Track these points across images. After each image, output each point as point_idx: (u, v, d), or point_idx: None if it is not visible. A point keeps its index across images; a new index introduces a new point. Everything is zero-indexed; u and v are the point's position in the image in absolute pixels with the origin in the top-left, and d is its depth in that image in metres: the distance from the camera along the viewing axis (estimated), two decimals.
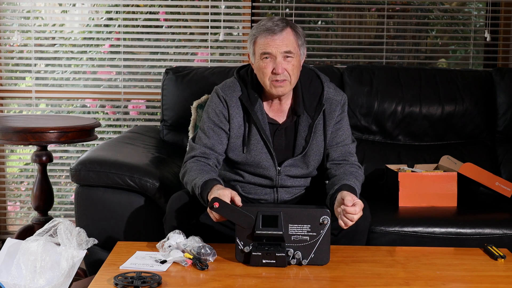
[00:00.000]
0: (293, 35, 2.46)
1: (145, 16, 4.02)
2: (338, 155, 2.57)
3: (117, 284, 1.96)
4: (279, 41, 2.43)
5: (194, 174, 2.43)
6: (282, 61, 2.43)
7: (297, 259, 2.18)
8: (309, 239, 2.18)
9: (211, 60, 4.02)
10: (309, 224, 2.18)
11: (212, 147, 2.53)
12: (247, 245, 2.18)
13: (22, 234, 3.24)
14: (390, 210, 2.90)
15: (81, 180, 2.81)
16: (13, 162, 4.27)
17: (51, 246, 2.26)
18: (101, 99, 4.07)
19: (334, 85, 2.63)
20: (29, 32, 4.00)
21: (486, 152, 3.38)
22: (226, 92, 2.56)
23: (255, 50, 2.48)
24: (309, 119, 2.55)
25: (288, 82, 2.46)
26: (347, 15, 4.14)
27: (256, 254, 2.16)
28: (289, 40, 2.44)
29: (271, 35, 2.43)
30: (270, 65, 2.44)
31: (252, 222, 2.16)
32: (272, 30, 2.43)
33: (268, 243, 2.17)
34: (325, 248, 2.18)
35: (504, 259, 2.28)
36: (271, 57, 2.43)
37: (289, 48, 2.43)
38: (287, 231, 2.18)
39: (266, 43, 2.43)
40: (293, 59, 2.45)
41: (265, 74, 2.46)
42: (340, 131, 2.59)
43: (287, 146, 2.56)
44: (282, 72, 2.43)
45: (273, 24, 2.44)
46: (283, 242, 2.17)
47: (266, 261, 2.15)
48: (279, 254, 2.15)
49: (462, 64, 4.15)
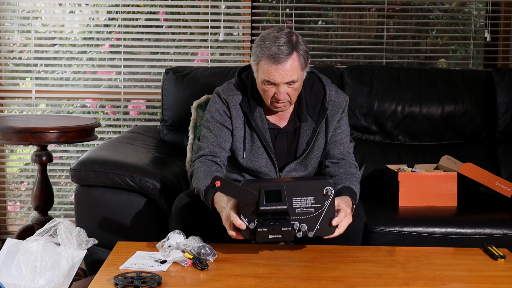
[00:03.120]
0: (298, 60, 2.38)
1: (145, 16, 4.02)
2: (337, 153, 2.57)
3: (117, 284, 1.96)
4: (283, 71, 2.36)
5: (200, 175, 2.42)
6: (286, 88, 2.40)
7: (303, 232, 2.16)
8: (314, 211, 2.16)
9: (211, 60, 4.02)
10: (313, 196, 2.15)
11: (220, 145, 2.53)
12: (252, 222, 2.14)
13: (22, 234, 3.24)
14: (390, 210, 2.90)
15: (81, 180, 2.81)
16: (13, 162, 4.27)
17: (51, 246, 2.26)
18: (101, 99, 4.07)
19: (335, 87, 2.63)
20: (29, 32, 4.00)
21: (486, 152, 3.38)
22: (227, 94, 2.55)
23: (258, 71, 2.42)
24: (312, 123, 2.55)
25: (289, 103, 2.47)
26: (347, 15, 4.14)
27: (262, 230, 2.12)
28: (293, 70, 2.37)
29: (275, 64, 2.35)
30: (272, 90, 2.41)
31: (255, 198, 2.12)
32: (277, 58, 2.34)
33: (273, 218, 2.14)
34: (331, 218, 2.17)
35: (504, 259, 2.28)
36: (274, 85, 2.40)
37: (293, 77, 2.38)
38: (291, 204, 2.15)
39: (270, 72, 2.37)
40: (296, 84, 2.42)
41: (266, 96, 2.44)
42: (339, 130, 2.59)
43: (289, 150, 2.56)
44: (284, 97, 2.42)
45: (279, 51, 2.34)
46: (288, 216, 2.14)
47: (272, 236, 2.13)
48: (285, 229, 2.12)
49: (462, 64, 4.15)
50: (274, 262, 2.21)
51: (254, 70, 2.46)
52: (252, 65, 2.46)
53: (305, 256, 2.27)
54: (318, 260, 2.24)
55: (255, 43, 2.43)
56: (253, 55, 2.44)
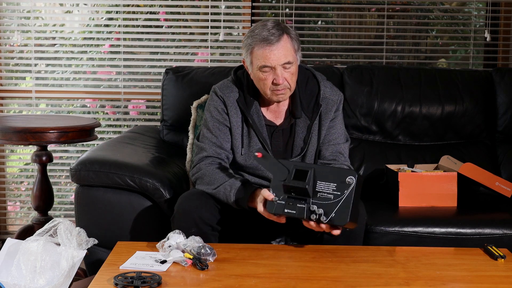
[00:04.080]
0: (290, 42, 2.44)
1: (145, 16, 4.02)
2: (329, 154, 2.57)
3: (117, 284, 1.96)
4: (277, 52, 2.40)
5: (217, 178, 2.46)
6: (282, 71, 2.42)
7: (318, 215, 2.20)
8: (333, 198, 2.20)
9: (211, 60, 4.02)
10: (335, 183, 2.20)
11: (221, 146, 2.54)
12: (279, 197, 2.24)
13: (22, 234, 3.24)
14: (390, 210, 2.90)
15: (81, 180, 2.81)
16: (13, 162, 4.27)
17: (51, 246, 2.26)
18: (101, 99, 4.07)
19: (330, 84, 2.63)
20: (29, 32, 4.00)
21: (486, 152, 3.38)
22: (224, 92, 2.56)
23: (253, 61, 2.45)
24: (307, 120, 2.55)
25: (288, 90, 2.48)
26: (347, 15, 4.15)
27: (280, 202, 2.23)
28: (287, 50, 2.42)
29: (268, 46, 2.40)
30: (270, 77, 2.43)
31: (286, 174, 2.23)
32: (269, 40, 2.40)
33: (296, 196, 2.22)
34: (346, 208, 2.19)
35: (504, 259, 2.28)
36: (270, 69, 2.43)
37: (288, 58, 2.42)
38: (315, 187, 2.22)
39: (265, 55, 2.41)
40: (292, 67, 2.44)
41: (265, 85, 2.45)
42: (333, 129, 2.59)
43: (285, 147, 2.57)
44: (282, 82, 2.43)
45: (269, 34, 2.40)
46: (309, 197, 2.21)
47: (287, 211, 2.22)
48: (300, 205, 2.20)
49: (462, 64, 4.15)
50: (274, 262, 2.21)
51: (248, 62, 2.48)
52: (246, 58, 2.49)
53: (305, 256, 2.27)
54: (318, 260, 2.24)
55: (244, 38, 2.49)
56: (244, 47, 2.47)
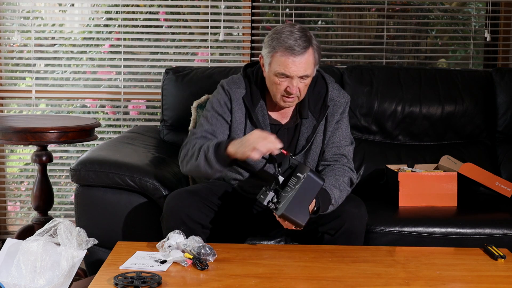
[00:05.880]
0: (312, 55, 2.41)
1: (145, 16, 4.02)
2: (331, 156, 2.57)
3: (117, 284, 1.96)
4: (299, 64, 2.38)
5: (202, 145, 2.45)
6: (298, 82, 2.41)
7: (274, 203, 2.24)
8: (289, 190, 2.23)
9: (211, 60, 4.02)
10: (296, 178, 2.24)
11: (213, 133, 2.53)
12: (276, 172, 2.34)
13: (22, 234, 3.24)
14: (390, 210, 2.90)
15: (81, 180, 2.81)
16: (13, 162, 4.27)
17: (51, 246, 2.26)
18: (101, 99, 4.07)
19: (338, 86, 2.63)
20: (29, 32, 4.00)
21: (486, 152, 3.38)
22: (231, 87, 2.56)
23: (272, 64, 2.42)
24: (313, 120, 2.55)
25: (297, 98, 2.47)
26: (347, 15, 4.14)
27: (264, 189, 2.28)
28: (308, 64, 2.40)
29: (292, 56, 2.37)
30: (284, 84, 2.42)
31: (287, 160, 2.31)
32: (294, 50, 2.36)
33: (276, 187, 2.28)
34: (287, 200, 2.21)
35: (504, 259, 2.28)
36: (287, 77, 2.41)
37: (307, 72, 2.40)
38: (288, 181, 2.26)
39: (286, 64, 2.38)
40: (308, 79, 2.43)
41: (278, 90, 2.44)
42: (338, 131, 2.59)
43: (289, 146, 2.57)
44: (296, 92, 2.42)
45: (296, 44, 2.36)
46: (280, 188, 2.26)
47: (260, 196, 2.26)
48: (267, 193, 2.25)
49: (462, 64, 4.15)
50: (274, 262, 2.21)
51: (267, 63, 2.45)
52: (265, 58, 2.45)
53: (305, 256, 2.27)
54: (318, 260, 2.24)
55: (269, 36, 2.44)
56: (267, 47, 2.43)
